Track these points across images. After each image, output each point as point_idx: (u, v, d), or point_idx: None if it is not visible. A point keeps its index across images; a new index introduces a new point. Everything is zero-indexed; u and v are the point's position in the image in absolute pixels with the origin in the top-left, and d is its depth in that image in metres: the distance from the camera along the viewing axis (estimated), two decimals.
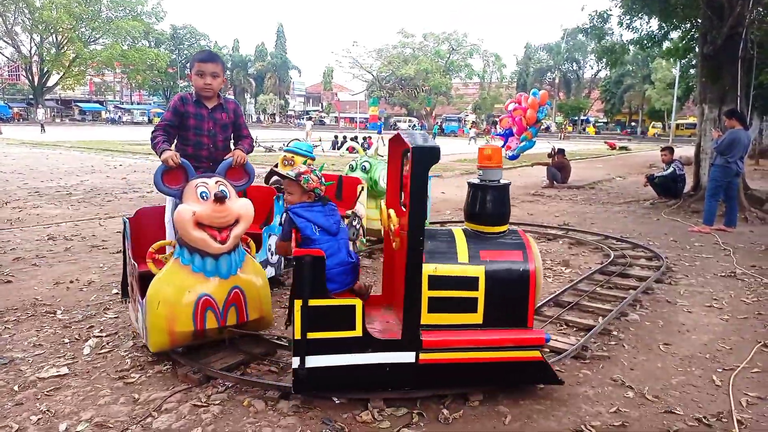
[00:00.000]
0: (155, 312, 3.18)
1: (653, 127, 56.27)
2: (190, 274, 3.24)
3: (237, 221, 3.28)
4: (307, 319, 2.77)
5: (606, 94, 60.30)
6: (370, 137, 26.49)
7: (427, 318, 2.91)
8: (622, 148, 32.10)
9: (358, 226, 5.77)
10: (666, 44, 13.37)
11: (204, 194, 3.24)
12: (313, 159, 5.48)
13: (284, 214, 3.16)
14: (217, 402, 2.97)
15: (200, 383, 3.14)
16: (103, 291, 4.81)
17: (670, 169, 10.80)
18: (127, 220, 3.74)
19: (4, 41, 54.20)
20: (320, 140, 27.07)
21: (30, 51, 54.11)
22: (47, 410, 2.87)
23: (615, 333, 4.04)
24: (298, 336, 2.80)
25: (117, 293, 4.73)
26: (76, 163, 16.34)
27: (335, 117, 71.86)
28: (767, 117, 24.57)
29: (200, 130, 3.75)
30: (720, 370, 3.50)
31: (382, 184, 6.10)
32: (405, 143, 3.12)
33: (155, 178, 3.28)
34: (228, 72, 74.39)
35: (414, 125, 56.71)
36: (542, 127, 12.61)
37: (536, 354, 3.03)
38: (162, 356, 3.50)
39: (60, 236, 6.86)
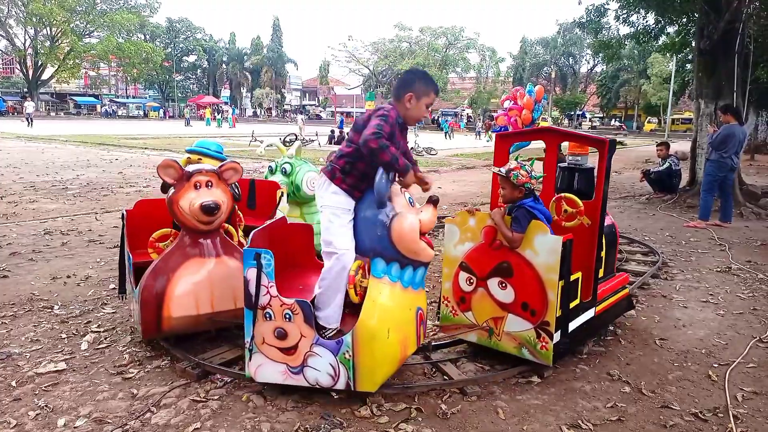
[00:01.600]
0: (386, 342, 2.81)
1: (649, 122, 56.31)
2: (403, 291, 2.96)
3: None
4: (567, 294, 3.21)
5: (602, 89, 60.33)
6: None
7: None
8: (618, 143, 32.13)
9: None
10: (662, 39, 13.37)
11: (411, 199, 3.01)
12: (222, 160, 4.12)
13: (517, 209, 3.23)
14: (215, 397, 2.97)
15: (199, 378, 3.15)
16: (100, 286, 4.80)
17: (666, 165, 10.82)
18: (268, 256, 2.83)
19: None
20: (317, 134, 27.04)
21: (24, 44, 53.72)
22: (45, 406, 2.87)
23: (611, 328, 4.06)
24: (558, 313, 3.18)
25: (114, 288, 4.73)
26: (71, 158, 16.26)
27: (332, 111, 71.67)
28: (763, 112, 24.63)
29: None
30: (716, 365, 3.53)
31: (306, 189, 5.20)
32: (514, 139, 4.26)
33: (384, 191, 2.83)
34: (224, 66, 74.14)
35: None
36: (539, 125, 12.60)
37: (626, 290, 4.14)
38: (160, 351, 3.51)
39: (56, 231, 6.83)
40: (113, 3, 56.53)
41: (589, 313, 3.59)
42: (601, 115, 66.57)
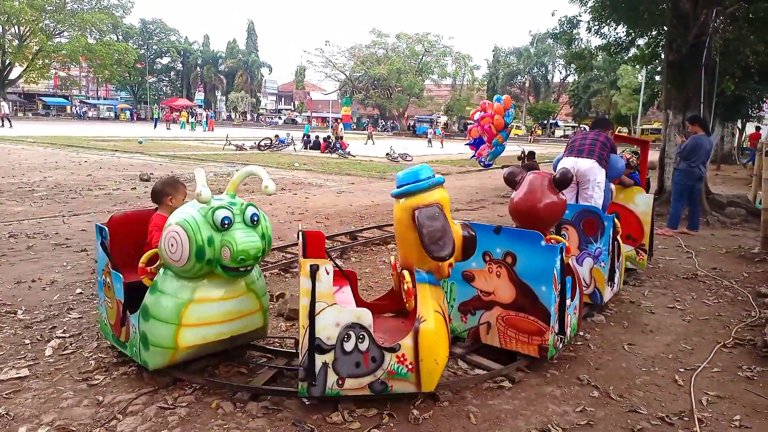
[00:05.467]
0: None
1: (619, 132, 57.24)
2: None
3: None
4: (652, 228, 5.88)
5: (574, 99, 61.26)
6: (341, 137, 26.40)
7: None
8: None
9: None
10: (633, 51, 13.67)
11: None
12: (440, 183, 3.00)
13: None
14: (184, 404, 2.92)
15: (167, 385, 3.09)
16: (66, 290, 4.69)
17: (635, 173, 11.00)
18: None
19: None
20: (292, 139, 26.92)
21: None
22: (6, 413, 2.78)
23: (581, 333, 4.11)
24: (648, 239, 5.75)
25: (81, 293, 4.63)
26: (39, 159, 15.88)
27: (308, 116, 71.44)
28: (729, 124, 25.33)
29: None
30: (682, 370, 3.60)
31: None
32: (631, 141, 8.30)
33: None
34: (198, 68, 73.31)
35: (384, 125, 56.90)
36: (511, 130, 12.80)
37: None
38: (127, 358, 3.43)
39: (22, 234, 6.65)
40: (84, 3, 55.42)
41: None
42: (573, 124, 67.57)
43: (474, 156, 13.44)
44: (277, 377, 3.25)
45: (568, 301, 3.61)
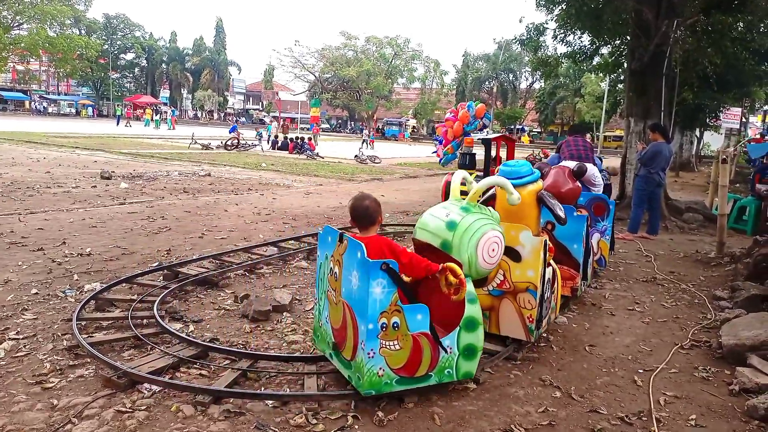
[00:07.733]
0: None
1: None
2: None
3: None
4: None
5: (540, 105, 62.34)
6: (311, 138, 26.26)
7: None
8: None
9: None
10: (597, 59, 13.98)
11: None
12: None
13: None
14: (142, 408, 2.85)
15: (125, 388, 3.01)
16: (20, 290, 4.52)
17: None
18: None
19: None
20: (260, 139, 26.64)
21: None
22: None
23: (544, 335, 4.17)
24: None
25: (36, 293, 4.47)
26: None
27: (274, 116, 70.77)
28: (687, 132, 26.15)
29: None
30: (641, 371, 3.68)
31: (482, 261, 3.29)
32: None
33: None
34: (164, 65, 71.89)
35: (352, 128, 56.60)
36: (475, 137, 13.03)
37: None
38: (84, 360, 3.33)
39: None
40: None
41: None
42: (539, 130, 68.70)
43: (435, 151, 13.80)
44: (239, 380, 3.20)
45: (590, 258, 4.98)
